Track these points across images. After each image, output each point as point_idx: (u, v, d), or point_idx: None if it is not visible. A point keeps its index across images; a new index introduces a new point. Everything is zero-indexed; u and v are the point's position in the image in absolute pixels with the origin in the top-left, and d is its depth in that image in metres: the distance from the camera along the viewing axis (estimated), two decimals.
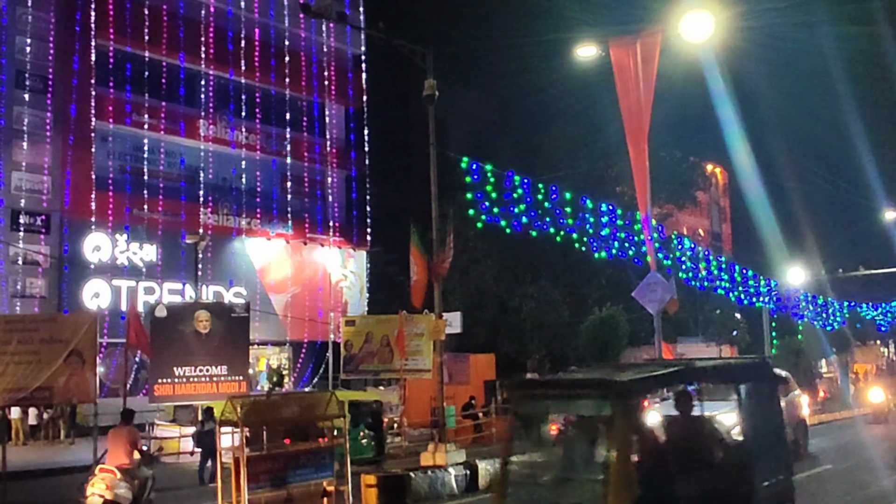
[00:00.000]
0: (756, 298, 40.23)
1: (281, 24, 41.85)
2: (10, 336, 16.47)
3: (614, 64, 20.58)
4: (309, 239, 41.63)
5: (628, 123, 20.84)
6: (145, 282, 35.31)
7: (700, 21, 19.13)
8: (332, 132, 43.84)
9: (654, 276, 21.60)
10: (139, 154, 36.71)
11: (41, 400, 15.66)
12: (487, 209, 22.32)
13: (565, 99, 42.00)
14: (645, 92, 20.52)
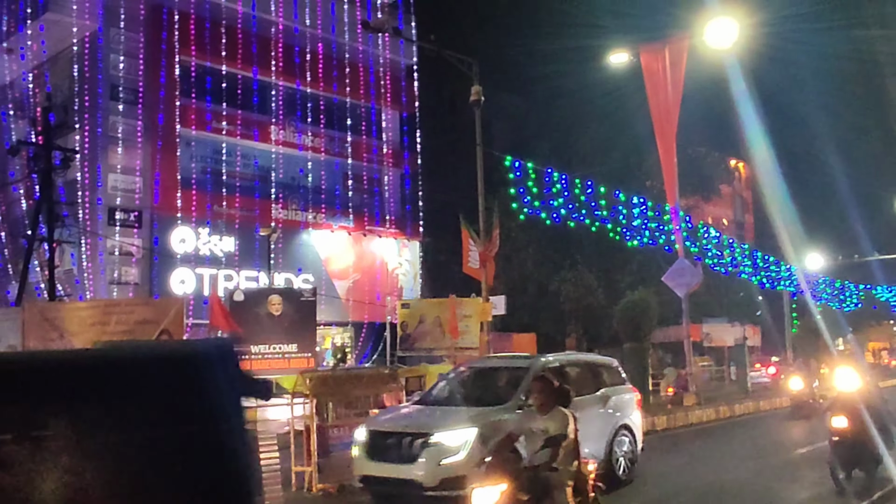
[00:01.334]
0: (777, 283, 39.55)
1: (342, 39, 41.98)
2: (109, 317, 16.90)
3: (644, 68, 20.35)
4: (368, 231, 41.82)
5: (657, 122, 20.60)
6: (225, 270, 35.82)
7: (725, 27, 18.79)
8: (388, 135, 43.97)
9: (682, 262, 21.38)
10: (218, 157, 37.20)
11: None
12: (529, 203, 22.25)
13: (598, 101, 41.42)
14: (673, 93, 20.26)
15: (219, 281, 34.87)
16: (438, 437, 9.22)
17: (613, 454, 11.23)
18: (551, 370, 10.09)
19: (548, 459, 6.20)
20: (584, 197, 24.27)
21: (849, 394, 10.96)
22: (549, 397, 6.69)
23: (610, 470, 10.75)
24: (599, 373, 12.53)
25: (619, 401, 12.09)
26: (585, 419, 8.71)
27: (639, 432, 12.46)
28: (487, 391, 11.18)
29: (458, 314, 24.78)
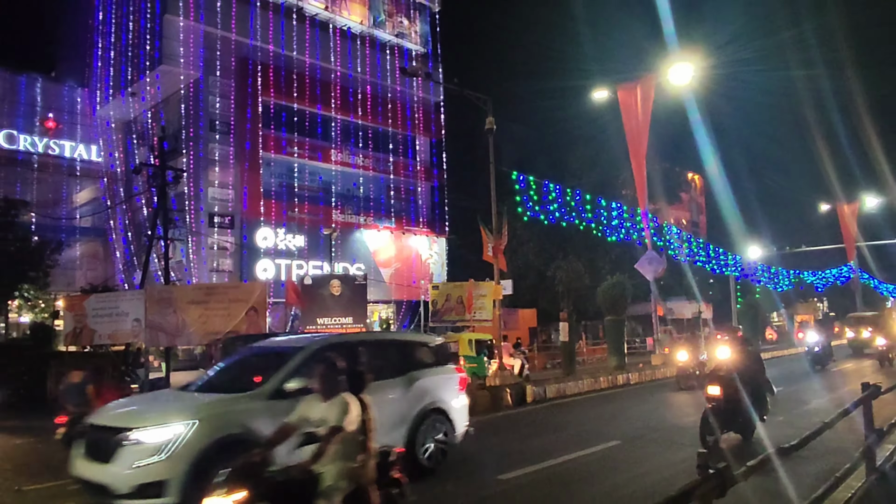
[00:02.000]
0: (725, 269, 39.16)
1: (385, 82, 42.21)
2: (210, 297, 17.17)
3: (621, 102, 20.20)
4: (406, 230, 42.04)
5: (631, 144, 20.43)
6: (297, 260, 36.20)
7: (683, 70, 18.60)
8: (420, 156, 44.11)
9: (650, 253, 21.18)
10: (291, 174, 37.56)
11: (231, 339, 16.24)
12: (530, 207, 22.19)
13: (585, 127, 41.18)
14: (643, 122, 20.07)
15: (292, 269, 35.33)
16: (138, 433, 6.20)
17: (418, 442, 8.27)
18: (337, 351, 7.00)
19: (309, 458, 4.30)
20: (574, 203, 24.14)
21: (723, 364, 9.78)
22: (329, 382, 4.66)
23: (414, 459, 7.98)
24: (409, 353, 9.35)
25: (429, 383, 8.89)
26: (383, 405, 6.90)
27: (459, 415, 9.15)
28: (250, 375, 7.76)
29: (475, 294, 24.88)
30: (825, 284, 53.58)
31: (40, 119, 38.15)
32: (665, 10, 19.22)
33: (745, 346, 10.09)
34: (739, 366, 9.56)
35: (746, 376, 9.43)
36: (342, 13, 40.64)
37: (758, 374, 9.85)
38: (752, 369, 9.73)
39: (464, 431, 9.22)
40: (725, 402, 9.04)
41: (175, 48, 33.86)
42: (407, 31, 44.19)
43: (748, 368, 9.64)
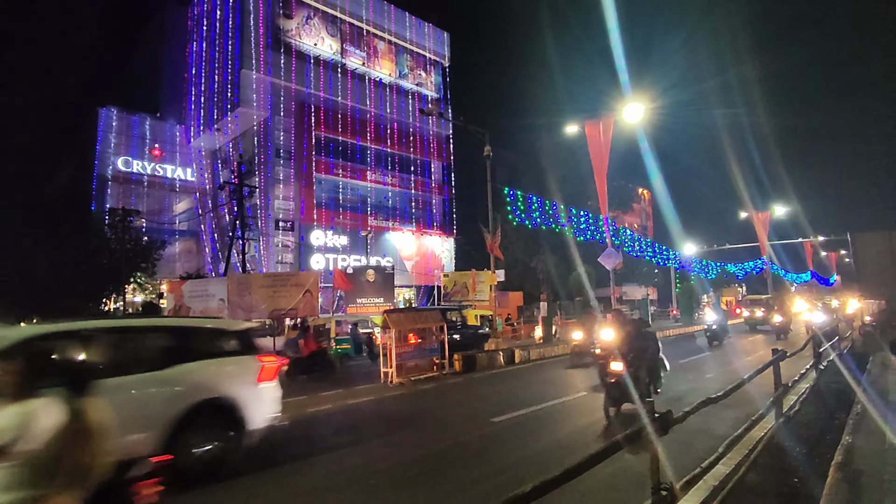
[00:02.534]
0: (667, 262, 38.81)
1: (407, 120, 42.15)
2: (276, 282, 17.20)
3: (587, 134, 19.98)
4: (423, 232, 42.01)
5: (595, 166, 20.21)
6: (341, 255, 36.27)
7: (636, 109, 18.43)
8: (435, 176, 44.07)
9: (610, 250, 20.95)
10: (337, 190, 37.64)
11: (291, 314, 16.26)
12: (518, 214, 22.02)
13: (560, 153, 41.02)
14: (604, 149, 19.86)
15: (338, 262, 35.36)
16: None
17: (185, 444, 5.32)
18: (52, 344, 4.61)
19: None
20: (551, 211, 23.96)
21: (607, 344, 8.28)
22: (17, 382, 2.64)
23: (183, 464, 5.24)
24: (185, 342, 5.86)
25: (207, 374, 5.73)
26: (126, 406, 4.85)
27: (257, 408, 5.97)
28: None
29: (477, 280, 24.81)
30: (745, 273, 53.04)
31: (149, 149, 38.52)
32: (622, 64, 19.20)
33: (641, 327, 8.29)
34: (627, 344, 7.99)
35: (639, 354, 7.98)
36: (375, 67, 40.67)
37: (653, 352, 8.39)
38: (645, 347, 8.19)
39: (265, 425, 6.18)
40: (623, 377, 7.60)
41: (249, 95, 34.02)
42: (424, 81, 44.12)
43: (639, 347, 8.06)
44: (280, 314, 16.36)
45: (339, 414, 9.09)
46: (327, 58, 37.64)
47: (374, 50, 40.78)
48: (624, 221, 46.96)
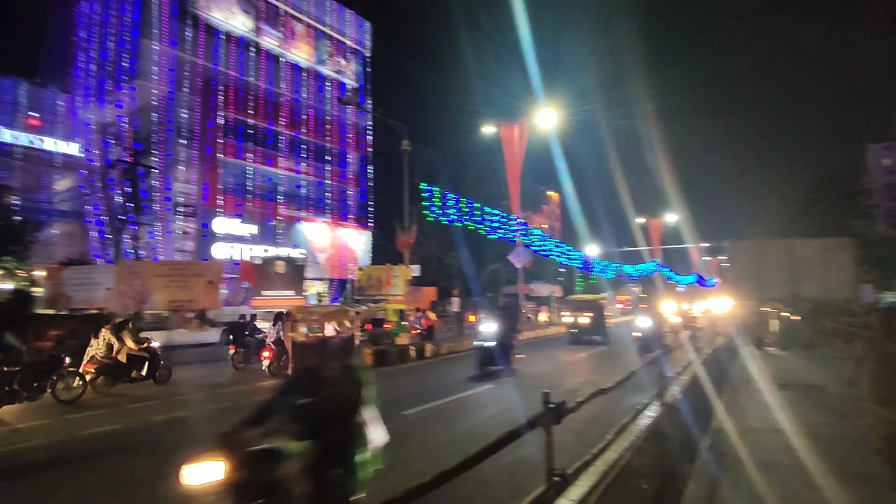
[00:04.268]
0: (571, 261, 41.04)
1: (325, 107, 40.98)
2: (173, 272, 16.00)
3: (503, 137, 20.62)
4: (338, 224, 41.11)
5: (509, 168, 20.93)
6: (248, 245, 34.47)
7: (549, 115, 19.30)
8: (352, 167, 43.26)
9: (520, 248, 21.84)
10: (245, 175, 35.70)
11: (190, 306, 15.18)
12: (434, 211, 22.26)
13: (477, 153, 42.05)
14: (519, 153, 20.61)
15: (245, 251, 33.61)
16: None
17: None
18: None
19: None
20: (466, 209, 24.47)
21: None
22: None
23: None
24: None
25: None
26: None
27: None
28: None
29: (392, 275, 24.68)
30: (639, 274, 57.39)
31: (24, 117, 34.11)
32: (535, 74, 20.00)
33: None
34: None
35: None
36: (292, 50, 39.05)
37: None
38: None
39: None
40: None
41: (149, 67, 31.29)
42: (344, 69, 43.08)
43: None
44: (178, 306, 15.24)
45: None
46: (239, 35, 35.53)
47: (291, 32, 39.12)
48: (534, 222, 49.14)
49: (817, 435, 6.19)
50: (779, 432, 6.26)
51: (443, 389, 10.12)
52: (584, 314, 19.93)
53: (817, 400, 8.20)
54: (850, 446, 5.76)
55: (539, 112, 18.90)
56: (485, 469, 5.34)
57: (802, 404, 7.90)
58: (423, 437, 6.80)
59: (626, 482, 4.93)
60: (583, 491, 4.65)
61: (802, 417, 7.05)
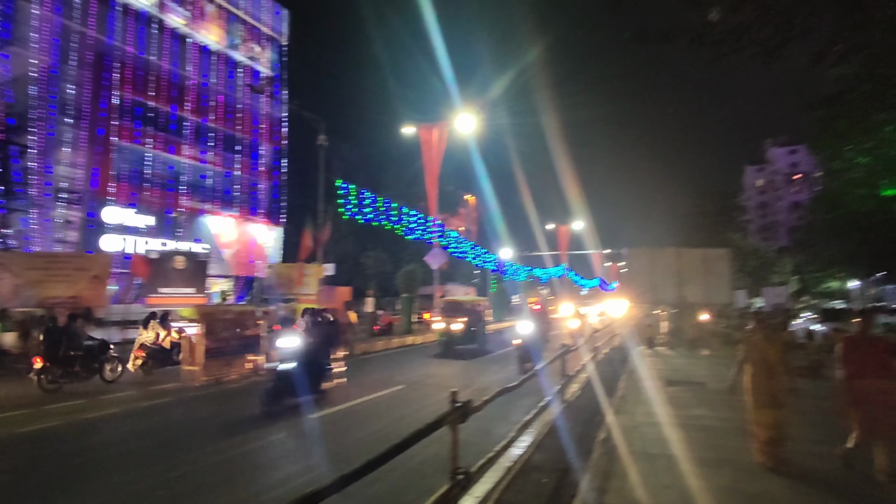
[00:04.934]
0: (486, 264, 42.13)
1: (236, 95, 38.81)
2: (51, 265, 14.39)
3: (421, 139, 20.73)
4: (247, 219, 39.04)
5: (427, 170, 21.07)
6: (143, 237, 31.68)
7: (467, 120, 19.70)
8: (264, 159, 41.20)
9: (436, 249, 22.06)
10: (143, 161, 32.82)
11: (72, 304, 13.67)
12: (350, 209, 21.89)
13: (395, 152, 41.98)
14: (437, 154, 20.83)
15: (139, 244, 30.85)
16: None
17: None
18: None
19: None
20: (384, 208, 24.32)
21: None
22: None
23: None
24: None
25: None
26: None
27: None
28: None
29: (304, 273, 23.98)
30: (548, 278, 60.15)
31: None
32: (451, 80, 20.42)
33: None
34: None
35: None
36: (201, 31, 36.55)
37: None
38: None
39: None
40: None
41: (27, 33, 27.75)
42: (258, 56, 41.05)
43: None
44: (56, 302, 13.69)
45: (126, 418, 7.97)
46: (141, 9, 32.63)
47: (200, 11, 36.59)
48: (451, 224, 49.85)
49: (697, 427, 6.85)
50: (665, 425, 6.85)
51: (356, 390, 9.95)
52: (456, 319, 16.17)
53: (699, 395, 9.07)
54: (725, 436, 6.43)
55: (458, 116, 19.23)
56: (395, 468, 5.35)
57: (686, 399, 8.71)
58: (332, 441, 6.67)
59: (528, 477, 5.15)
60: (487, 487, 4.79)
61: (685, 412, 7.77)
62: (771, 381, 5.14)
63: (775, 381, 5.14)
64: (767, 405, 5.14)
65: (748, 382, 5.31)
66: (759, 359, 5.26)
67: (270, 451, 6.28)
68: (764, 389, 5.16)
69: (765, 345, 5.27)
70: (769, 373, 5.16)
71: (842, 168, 10.29)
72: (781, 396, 5.12)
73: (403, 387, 10.46)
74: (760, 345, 5.29)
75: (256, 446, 6.43)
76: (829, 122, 10.13)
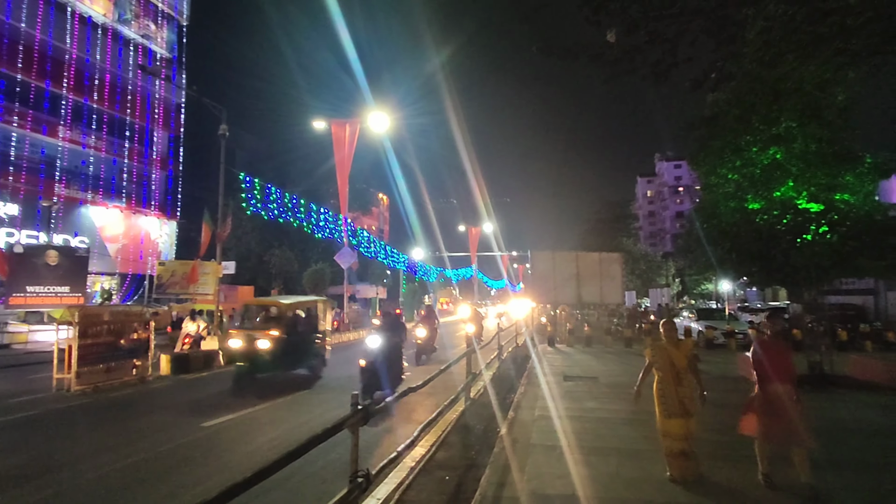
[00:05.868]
0: (397, 264, 42.06)
1: (126, 75, 35.36)
2: None
3: (334, 134, 20.26)
4: (136, 211, 35.72)
5: (338, 166, 20.64)
6: (7, 228, 27.89)
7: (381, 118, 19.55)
8: (158, 147, 37.94)
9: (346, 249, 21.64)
10: (8, 142, 28.85)
11: None
12: (254, 203, 20.84)
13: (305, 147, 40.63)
14: (349, 151, 20.46)
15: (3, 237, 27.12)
16: None
17: None
18: None
19: None
20: (291, 204, 23.42)
21: None
22: None
23: None
24: None
25: None
26: None
27: None
28: None
29: (200, 272, 22.56)
30: (458, 279, 61.30)
31: None
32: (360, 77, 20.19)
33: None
34: None
35: None
36: (85, 1, 32.87)
37: None
38: None
39: None
40: None
41: None
42: (153, 35, 37.73)
43: None
44: None
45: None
46: None
47: None
48: (363, 223, 49.18)
49: (590, 418, 7.33)
50: (561, 418, 7.26)
51: (253, 396, 9.48)
52: (265, 333, 10.51)
53: (592, 389, 9.70)
54: (614, 426, 6.93)
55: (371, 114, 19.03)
56: (295, 474, 5.17)
57: (580, 393, 9.28)
58: (226, 451, 6.30)
59: (431, 475, 5.21)
60: (390, 488, 4.79)
61: (580, 404, 8.28)
62: (679, 387, 4.82)
63: (684, 387, 4.83)
64: (676, 413, 4.79)
65: (655, 390, 4.96)
66: (666, 364, 4.91)
67: (132, 472, 5.79)
68: (672, 397, 4.81)
69: (672, 349, 4.95)
70: (677, 379, 4.85)
71: (716, 183, 11.50)
72: (690, 404, 4.79)
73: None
74: (667, 349, 4.96)
75: (115, 469, 5.91)
76: (705, 142, 11.32)
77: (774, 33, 5.54)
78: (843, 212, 10.14)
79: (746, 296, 38.57)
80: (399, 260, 41.95)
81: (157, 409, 8.63)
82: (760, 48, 5.77)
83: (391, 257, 40.26)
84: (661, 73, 5.94)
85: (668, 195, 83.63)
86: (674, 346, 4.97)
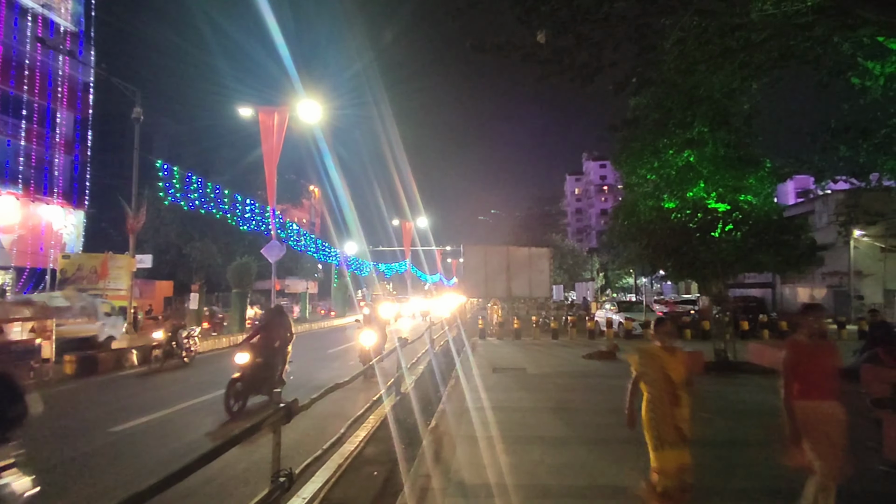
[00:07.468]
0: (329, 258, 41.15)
1: (23, 48, 31.97)
2: None
3: (261, 123, 19.43)
4: (36, 198, 32.47)
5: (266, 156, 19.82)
6: None
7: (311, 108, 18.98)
8: (62, 129, 34.68)
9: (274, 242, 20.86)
10: None
11: None
12: (173, 193, 19.56)
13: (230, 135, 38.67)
14: (277, 141, 19.70)
15: None
16: None
17: None
18: None
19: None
20: (214, 194, 22.20)
21: None
22: None
23: None
24: None
25: None
26: None
27: None
28: None
29: (111, 265, 20.98)
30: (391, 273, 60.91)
31: None
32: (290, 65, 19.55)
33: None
34: None
35: None
36: None
37: None
38: None
39: None
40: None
41: None
42: (56, 6, 34.34)
43: None
44: None
45: None
46: None
47: None
48: (293, 216, 47.65)
49: (516, 409, 7.54)
50: (489, 409, 7.41)
51: (165, 399, 8.93)
52: None
53: (520, 380, 9.99)
54: (539, 415, 7.17)
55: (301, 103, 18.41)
56: (216, 477, 4.92)
57: (508, 384, 9.53)
58: (136, 456, 5.89)
59: (359, 471, 5.15)
60: (316, 486, 4.68)
61: (507, 395, 8.49)
62: (677, 408, 3.61)
63: (682, 408, 3.63)
64: (671, 443, 3.58)
65: (644, 412, 3.72)
66: (659, 377, 3.66)
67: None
68: (667, 421, 3.60)
69: (667, 358, 3.70)
70: (673, 398, 3.62)
71: (636, 183, 12.17)
72: (687, 429, 3.62)
73: None
74: (661, 358, 3.70)
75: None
76: (627, 143, 11.95)
77: (689, 44, 5.93)
78: (746, 211, 11.08)
79: (662, 289, 41.29)
80: (331, 254, 41.04)
81: (59, 415, 7.91)
82: (677, 57, 6.15)
83: (322, 251, 39.30)
84: (588, 75, 6.17)
85: (594, 193, 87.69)
86: (669, 354, 3.73)
